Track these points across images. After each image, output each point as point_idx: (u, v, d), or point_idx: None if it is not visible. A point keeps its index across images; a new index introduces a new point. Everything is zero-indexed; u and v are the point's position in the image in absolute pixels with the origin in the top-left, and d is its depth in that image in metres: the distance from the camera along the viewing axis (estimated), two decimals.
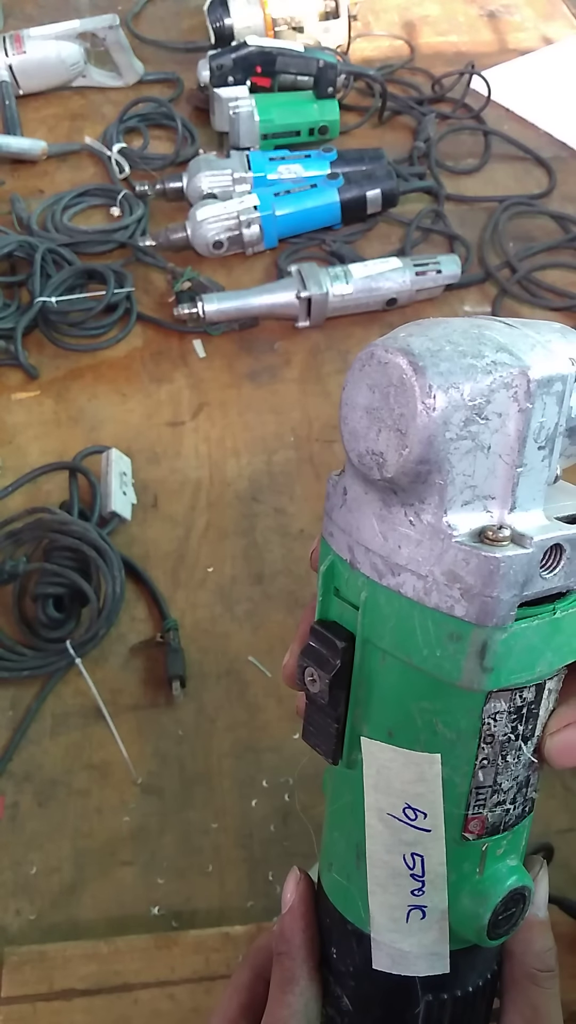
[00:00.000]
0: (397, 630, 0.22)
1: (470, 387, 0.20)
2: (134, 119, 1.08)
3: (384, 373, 0.21)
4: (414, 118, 1.09)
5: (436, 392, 0.19)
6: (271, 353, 0.85)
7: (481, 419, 0.20)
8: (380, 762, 0.23)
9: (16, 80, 1.09)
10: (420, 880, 0.23)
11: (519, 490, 0.21)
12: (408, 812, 0.23)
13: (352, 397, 0.22)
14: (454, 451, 0.20)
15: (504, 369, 0.20)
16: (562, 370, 0.20)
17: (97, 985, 0.49)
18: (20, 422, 0.79)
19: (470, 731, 0.22)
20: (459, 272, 0.87)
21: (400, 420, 0.20)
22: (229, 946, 0.50)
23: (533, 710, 0.23)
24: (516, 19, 1.27)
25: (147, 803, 0.57)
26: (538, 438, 0.21)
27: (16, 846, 0.56)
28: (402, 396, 0.20)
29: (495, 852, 0.23)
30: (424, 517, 0.21)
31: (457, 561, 0.20)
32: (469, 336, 0.21)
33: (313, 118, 1.02)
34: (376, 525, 0.22)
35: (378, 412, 0.21)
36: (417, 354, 0.20)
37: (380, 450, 0.21)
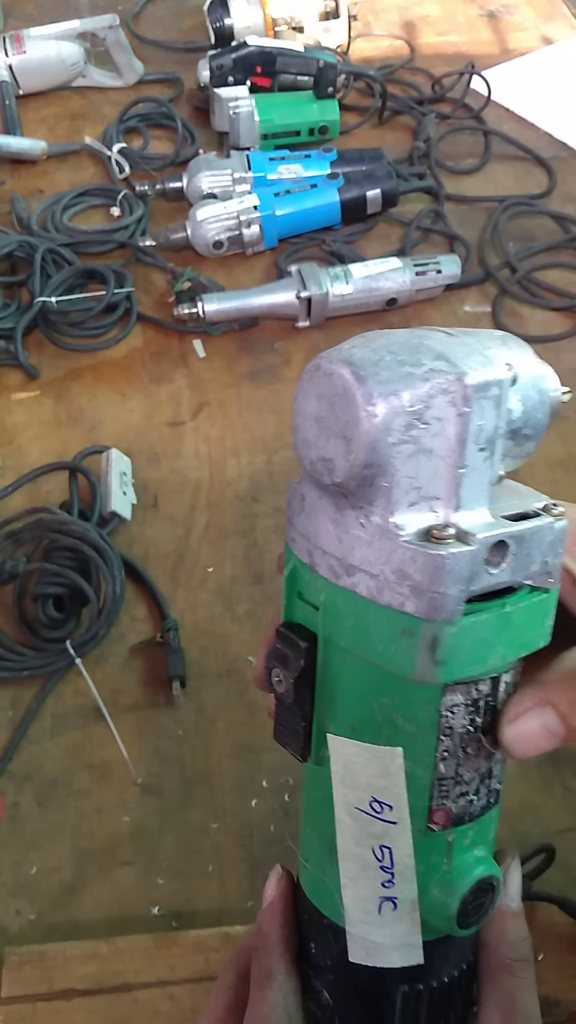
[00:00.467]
0: (355, 629, 0.23)
1: (409, 394, 0.21)
2: (134, 119, 1.08)
3: (329, 384, 0.22)
4: (414, 118, 1.09)
5: (377, 400, 0.21)
6: (271, 353, 0.85)
7: (422, 424, 0.21)
8: (345, 757, 0.24)
9: (16, 80, 1.09)
10: (389, 872, 0.24)
11: (463, 490, 0.22)
12: (374, 805, 0.24)
13: (302, 407, 0.23)
14: (397, 455, 0.21)
15: (441, 376, 0.21)
16: (498, 375, 0.22)
17: (97, 985, 0.49)
18: (20, 422, 0.79)
19: (429, 724, 0.23)
20: (459, 272, 0.87)
21: (345, 427, 0.21)
22: (229, 946, 0.50)
23: (490, 703, 0.24)
24: (516, 19, 1.27)
25: (147, 803, 0.57)
26: (478, 440, 0.22)
27: (16, 846, 0.56)
28: (346, 405, 0.21)
29: (462, 843, 0.24)
30: (373, 519, 0.22)
31: (405, 560, 0.21)
32: (409, 346, 0.22)
33: (313, 118, 1.02)
34: (331, 529, 0.23)
35: (326, 420, 0.22)
36: (359, 364, 0.21)
37: (329, 456, 0.22)
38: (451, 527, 0.21)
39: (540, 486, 0.80)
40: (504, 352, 0.23)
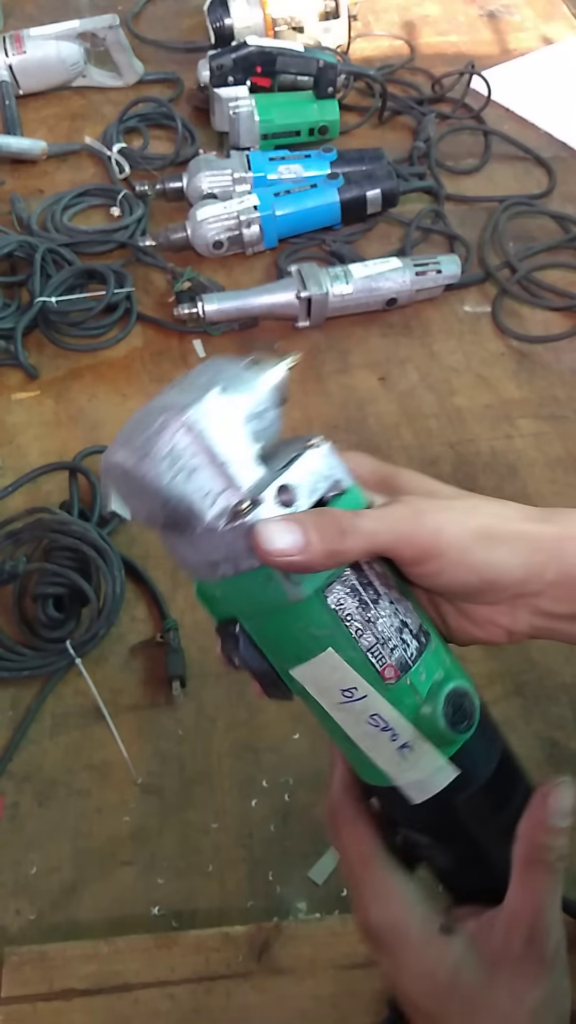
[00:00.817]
0: (246, 599, 0.30)
1: (158, 445, 0.28)
2: (134, 119, 1.08)
3: (114, 472, 0.29)
4: (414, 118, 1.09)
5: (140, 463, 0.28)
6: (271, 353, 0.85)
7: (179, 457, 0.28)
8: (308, 679, 0.31)
9: (16, 80, 1.09)
10: (388, 728, 0.31)
11: (236, 475, 0.29)
12: (345, 693, 0.30)
13: (120, 492, 0.30)
14: (179, 485, 0.28)
15: (170, 421, 0.28)
16: (206, 398, 0.29)
17: (97, 985, 0.49)
18: (20, 422, 0.79)
19: (333, 622, 0.30)
20: (459, 272, 0.87)
21: (140, 491, 0.29)
22: (229, 946, 0.50)
23: (364, 581, 0.30)
24: (516, 19, 1.27)
25: (147, 803, 0.57)
26: (221, 441, 0.28)
27: (16, 846, 0.56)
28: (131, 478, 0.29)
29: (418, 679, 0.31)
30: (200, 528, 0.29)
31: (234, 539, 0.28)
32: (146, 413, 0.29)
33: (313, 118, 1.02)
34: (189, 549, 0.30)
35: (131, 492, 0.29)
36: (120, 448, 0.29)
37: (146, 513, 0.29)
38: (244, 501, 0.28)
39: (540, 485, 0.79)
40: (215, 376, 0.30)
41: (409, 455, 0.77)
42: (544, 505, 0.73)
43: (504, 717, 0.60)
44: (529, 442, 0.78)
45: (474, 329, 0.87)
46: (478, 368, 0.84)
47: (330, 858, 0.55)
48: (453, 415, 0.80)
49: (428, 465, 0.76)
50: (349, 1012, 0.48)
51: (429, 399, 0.81)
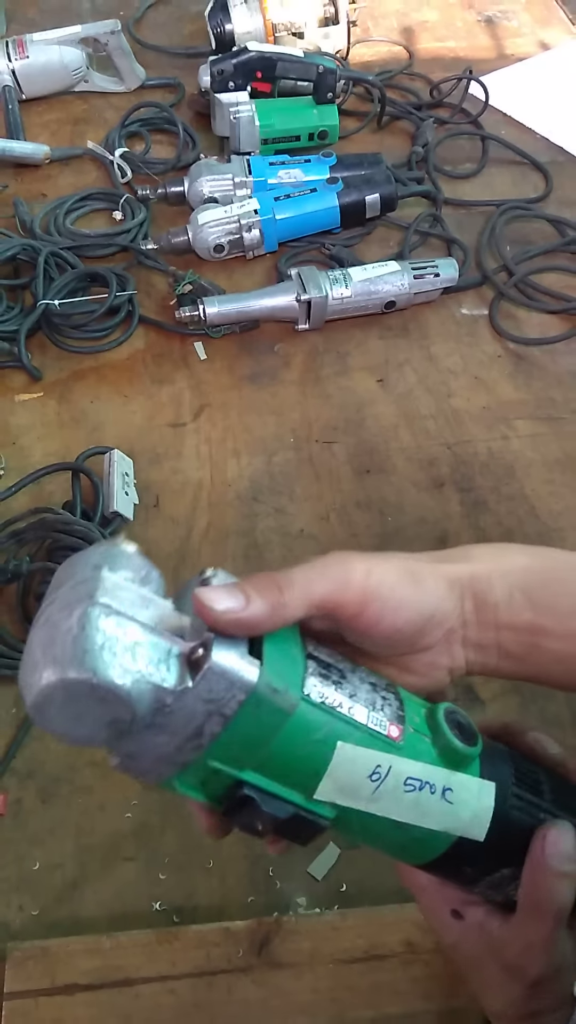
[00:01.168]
0: (249, 740, 0.28)
1: (89, 640, 0.26)
2: (136, 124, 1.09)
3: (50, 697, 0.26)
4: (412, 123, 1.10)
5: (81, 666, 0.26)
6: (271, 355, 0.86)
7: (116, 640, 0.26)
8: (333, 790, 0.30)
9: (19, 85, 1.10)
10: (426, 784, 0.31)
11: (173, 631, 0.28)
12: (373, 778, 0.30)
13: (63, 719, 0.27)
14: (128, 670, 0.26)
15: (89, 611, 0.26)
16: (105, 579, 0.27)
17: (99, 980, 0.50)
18: (23, 423, 0.80)
19: (327, 714, 0.29)
20: (457, 275, 0.88)
21: (87, 700, 0.26)
22: (230, 941, 0.51)
23: (325, 663, 0.31)
24: (513, 24, 1.28)
25: (149, 799, 0.58)
26: (142, 608, 0.28)
27: (19, 842, 0.56)
28: (74, 690, 0.26)
29: (415, 723, 0.32)
30: (172, 698, 0.27)
31: (210, 685, 0.27)
32: (49, 627, 0.27)
33: (313, 123, 1.03)
34: (166, 738, 0.28)
35: (77, 710, 0.27)
36: (44, 669, 0.26)
37: (104, 722, 0.27)
38: (195, 648, 0.28)
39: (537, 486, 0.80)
40: (86, 564, 0.28)
41: (407, 456, 0.78)
42: (541, 505, 0.74)
43: (501, 715, 0.61)
44: (526, 443, 0.78)
45: (471, 332, 0.88)
46: (475, 370, 0.84)
47: (330, 853, 0.55)
48: (451, 417, 0.81)
49: (426, 466, 0.77)
50: (348, 1006, 0.49)
51: (427, 401, 0.82)
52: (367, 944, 0.50)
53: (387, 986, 0.49)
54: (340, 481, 0.76)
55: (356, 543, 0.71)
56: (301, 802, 0.30)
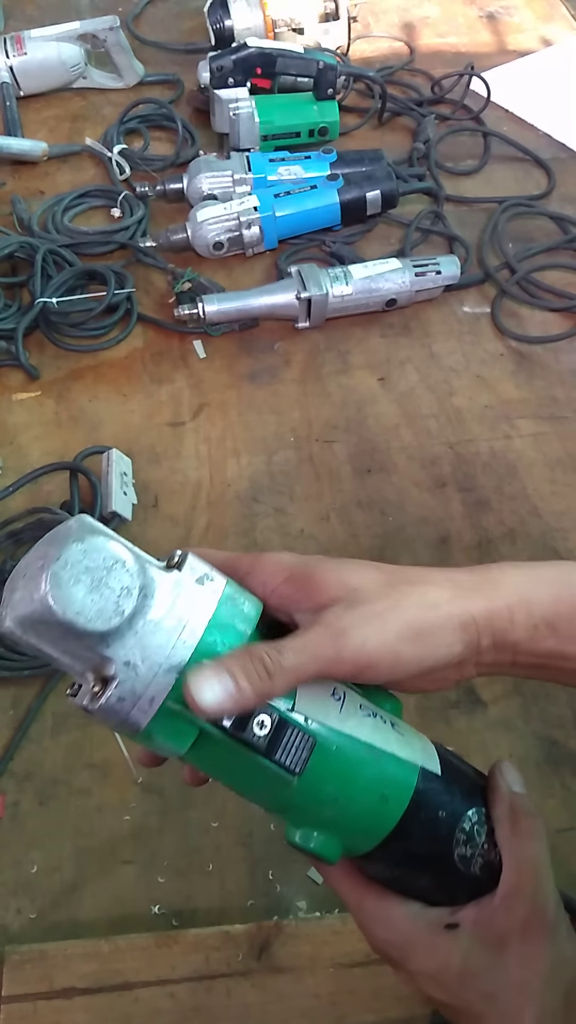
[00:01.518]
0: (227, 646, 0.30)
1: (65, 558, 0.28)
2: (134, 120, 1.08)
3: (28, 616, 0.28)
4: (414, 119, 1.09)
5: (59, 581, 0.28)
6: (271, 353, 0.86)
7: (89, 561, 0.28)
8: (312, 701, 0.31)
9: (17, 81, 1.09)
10: (377, 712, 0.34)
11: (141, 555, 0.30)
12: (335, 696, 0.32)
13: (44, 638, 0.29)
14: (104, 587, 0.28)
15: (60, 540, 0.28)
16: (77, 522, 0.29)
17: (98, 984, 0.49)
18: (21, 422, 0.80)
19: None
20: (458, 273, 0.87)
21: (55, 625, 0.28)
22: (229, 944, 0.50)
23: None
24: (515, 20, 1.27)
25: (147, 802, 0.57)
26: (113, 541, 0.29)
27: (17, 845, 0.56)
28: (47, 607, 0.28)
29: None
30: (149, 612, 0.29)
31: (188, 577, 0.30)
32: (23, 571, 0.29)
33: (313, 119, 1.02)
34: (155, 647, 0.29)
35: (49, 630, 0.28)
36: (24, 597, 0.28)
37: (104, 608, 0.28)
38: (173, 556, 0.31)
39: (539, 485, 0.80)
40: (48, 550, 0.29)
41: (408, 455, 0.77)
42: (543, 505, 0.73)
43: (503, 717, 0.60)
44: (528, 442, 0.78)
45: (473, 330, 0.87)
46: (477, 369, 0.84)
47: None
48: (452, 415, 0.80)
49: (428, 465, 0.76)
50: (349, 1010, 0.48)
51: (428, 399, 0.81)
52: (368, 948, 0.49)
53: (388, 991, 0.49)
54: (341, 480, 0.75)
55: (356, 543, 0.71)
56: (286, 711, 0.30)
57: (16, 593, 0.28)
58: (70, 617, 0.27)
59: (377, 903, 0.34)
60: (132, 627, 0.28)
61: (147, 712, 0.28)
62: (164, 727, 0.29)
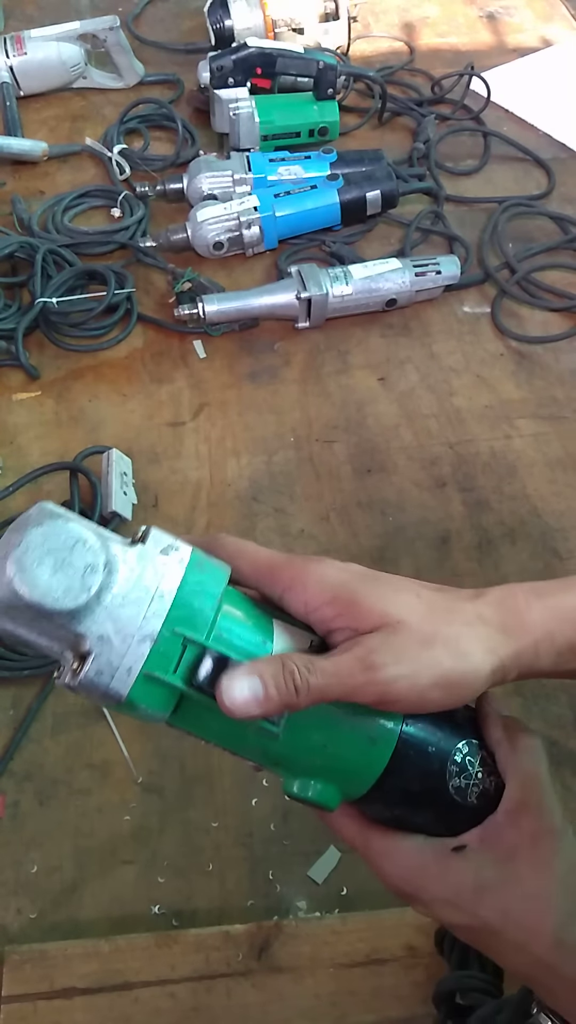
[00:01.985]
0: (200, 609, 0.31)
1: (29, 537, 0.29)
2: (134, 120, 1.08)
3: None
4: (414, 119, 1.09)
5: (27, 556, 0.29)
6: (271, 353, 0.86)
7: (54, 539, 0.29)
8: (290, 641, 0.32)
9: (17, 81, 1.09)
10: None
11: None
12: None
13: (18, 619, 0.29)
14: (74, 558, 0.29)
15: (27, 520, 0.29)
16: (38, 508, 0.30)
17: (98, 984, 0.49)
18: (21, 422, 0.80)
19: None
20: (458, 273, 0.87)
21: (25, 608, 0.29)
22: (229, 944, 0.50)
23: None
24: (515, 20, 1.27)
25: (148, 802, 0.57)
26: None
27: (17, 845, 0.56)
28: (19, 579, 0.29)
29: None
30: (117, 585, 0.30)
31: (152, 550, 0.31)
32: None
33: (313, 119, 1.02)
34: (127, 618, 0.29)
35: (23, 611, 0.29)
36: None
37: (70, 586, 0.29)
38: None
39: (539, 485, 0.80)
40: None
41: (409, 455, 0.77)
42: (543, 505, 0.73)
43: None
44: (528, 442, 0.78)
45: (473, 330, 0.87)
46: (477, 368, 0.84)
47: (330, 857, 0.55)
48: (452, 415, 0.80)
49: (428, 465, 0.76)
50: (348, 1010, 0.48)
51: (429, 399, 0.81)
52: (368, 948, 0.50)
53: (388, 990, 0.49)
54: (341, 480, 0.75)
55: (356, 543, 0.71)
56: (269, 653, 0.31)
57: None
58: (37, 599, 0.28)
59: (382, 840, 0.35)
60: (100, 602, 0.29)
61: (126, 682, 0.29)
62: (145, 695, 0.29)
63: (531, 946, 0.32)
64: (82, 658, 0.29)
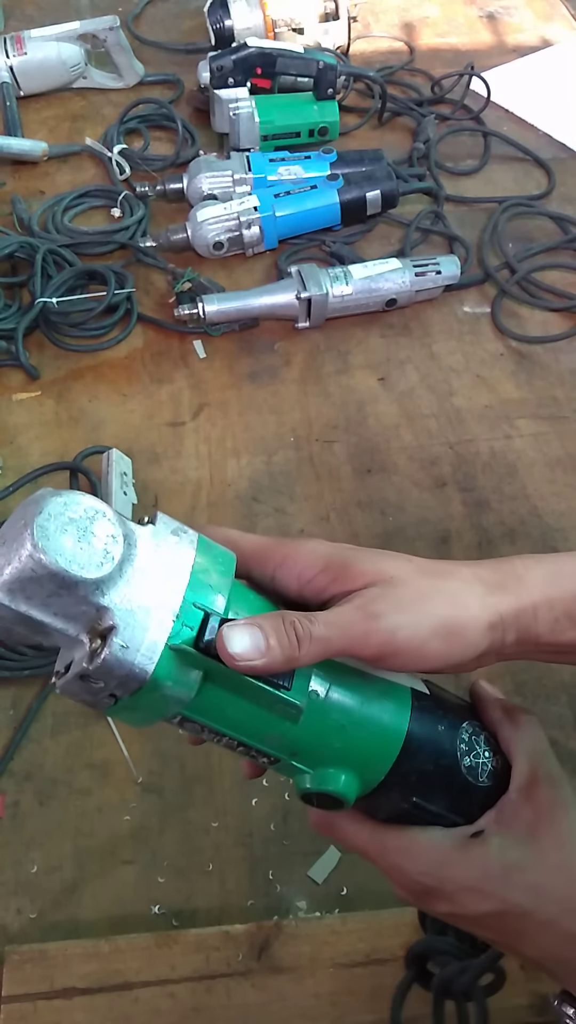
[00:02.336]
0: (218, 578, 0.31)
1: (45, 512, 0.28)
2: (134, 120, 1.08)
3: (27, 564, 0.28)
4: (414, 119, 1.09)
5: (48, 532, 0.27)
6: (271, 353, 0.86)
7: (72, 511, 0.28)
8: None
9: (17, 81, 1.09)
10: None
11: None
12: None
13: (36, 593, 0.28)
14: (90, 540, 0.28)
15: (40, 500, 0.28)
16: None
17: (98, 984, 0.49)
18: (21, 422, 0.80)
19: None
20: (458, 273, 0.87)
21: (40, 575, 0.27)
22: (229, 944, 0.50)
23: None
24: (515, 20, 1.27)
25: (147, 802, 0.57)
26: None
27: (17, 845, 0.56)
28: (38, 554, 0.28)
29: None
30: (137, 559, 0.30)
31: (164, 531, 0.32)
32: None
33: (313, 119, 1.02)
34: (150, 591, 0.29)
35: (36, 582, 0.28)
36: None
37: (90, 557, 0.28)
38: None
39: (539, 486, 0.80)
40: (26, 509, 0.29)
41: (409, 455, 0.77)
42: (543, 505, 0.73)
43: None
44: (528, 442, 0.78)
45: (473, 330, 0.87)
46: (477, 368, 0.84)
47: (330, 857, 0.55)
48: (452, 415, 0.80)
49: (428, 465, 0.76)
50: (348, 1010, 0.48)
51: (429, 399, 0.81)
52: (368, 948, 0.50)
53: (388, 990, 0.49)
54: (341, 480, 0.75)
55: (356, 543, 0.70)
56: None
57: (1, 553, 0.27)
58: (63, 566, 0.26)
59: (398, 837, 0.34)
60: (122, 575, 0.28)
61: (152, 657, 0.28)
62: (170, 671, 0.28)
63: (562, 921, 0.31)
64: (103, 636, 0.27)
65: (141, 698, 0.28)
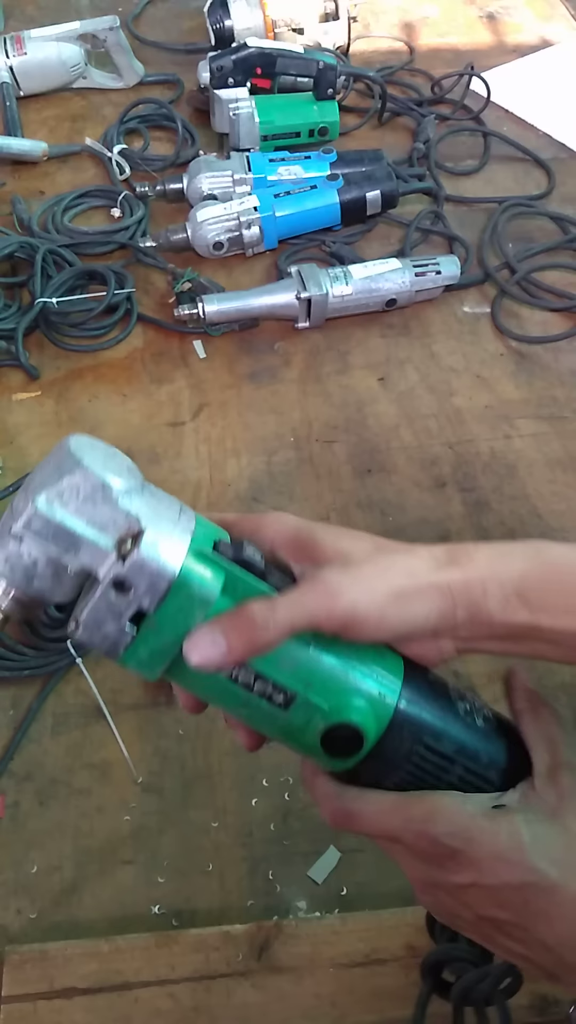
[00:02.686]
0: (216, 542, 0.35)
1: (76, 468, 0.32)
2: (134, 120, 1.08)
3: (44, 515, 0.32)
4: (414, 119, 1.09)
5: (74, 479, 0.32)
6: (271, 354, 0.86)
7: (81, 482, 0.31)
8: None
9: (17, 81, 1.10)
10: None
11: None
12: None
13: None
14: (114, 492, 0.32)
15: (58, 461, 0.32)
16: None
17: (98, 984, 0.49)
18: (21, 422, 0.80)
19: None
20: (458, 273, 0.87)
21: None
22: (229, 945, 0.50)
23: None
24: (515, 20, 1.27)
25: (147, 802, 0.57)
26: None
27: (17, 845, 0.56)
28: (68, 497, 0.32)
29: None
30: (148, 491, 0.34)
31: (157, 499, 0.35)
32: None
33: (313, 119, 1.02)
34: (164, 532, 0.32)
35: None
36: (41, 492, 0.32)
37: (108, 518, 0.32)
38: None
39: (539, 485, 0.80)
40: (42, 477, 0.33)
41: (408, 455, 0.77)
42: (543, 505, 0.73)
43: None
44: (528, 442, 0.78)
45: (473, 330, 0.87)
46: (477, 369, 0.84)
47: (330, 857, 0.55)
48: (452, 416, 0.80)
49: (428, 465, 0.76)
50: (349, 1010, 0.48)
51: (428, 400, 0.81)
52: (368, 948, 0.50)
53: (388, 990, 0.49)
54: (341, 481, 0.75)
55: None
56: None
57: (36, 481, 0.31)
58: (101, 474, 0.31)
59: (421, 803, 0.34)
60: (144, 492, 0.33)
61: (179, 554, 0.31)
62: (193, 569, 0.31)
63: None
64: (133, 539, 0.31)
65: (168, 605, 0.31)
